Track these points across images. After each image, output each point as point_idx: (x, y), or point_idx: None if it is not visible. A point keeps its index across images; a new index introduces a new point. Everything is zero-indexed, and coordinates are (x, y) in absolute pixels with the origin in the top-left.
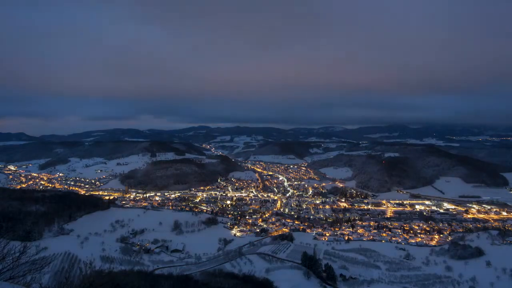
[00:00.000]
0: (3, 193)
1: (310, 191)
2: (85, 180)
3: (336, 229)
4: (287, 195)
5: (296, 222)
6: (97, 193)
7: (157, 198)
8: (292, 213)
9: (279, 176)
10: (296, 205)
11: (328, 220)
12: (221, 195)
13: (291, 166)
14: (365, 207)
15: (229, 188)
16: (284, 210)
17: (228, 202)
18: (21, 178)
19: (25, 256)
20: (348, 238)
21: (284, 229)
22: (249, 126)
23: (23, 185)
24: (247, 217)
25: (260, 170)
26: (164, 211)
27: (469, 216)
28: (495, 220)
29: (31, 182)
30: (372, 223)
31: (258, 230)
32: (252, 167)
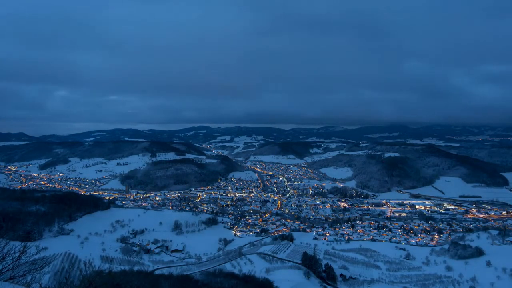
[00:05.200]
0: (3, 193)
1: (310, 191)
2: (85, 180)
3: (336, 229)
4: (287, 195)
5: (296, 222)
6: (97, 193)
7: (157, 198)
8: (292, 213)
9: (279, 176)
10: (296, 205)
11: (328, 220)
12: (221, 195)
13: (291, 166)
14: (365, 207)
15: (229, 188)
16: (284, 210)
17: (228, 202)
18: (21, 178)
19: (25, 256)
20: (348, 238)
21: (284, 229)
22: (249, 126)
23: (23, 185)
24: (247, 217)
25: (260, 170)
26: (164, 211)
27: (469, 216)
28: (495, 220)
29: (31, 182)
30: (372, 223)
31: (258, 230)
32: (252, 167)
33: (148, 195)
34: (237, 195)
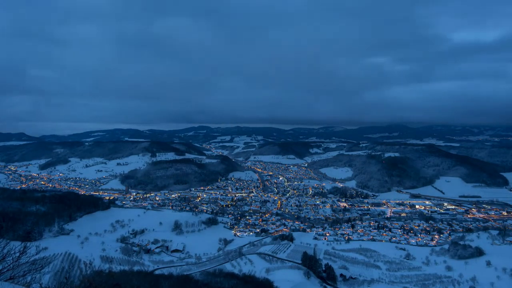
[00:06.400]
0: (3, 193)
1: (310, 191)
2: (85, 180)
3: (336, 229)
4: (287, 195)
5: (296, 222)
6: (97, 193)
7: (157, 198)
8: (292, 213)
9: (279, 176)
10: (296, 205)
11: (328, 220)
12: (221, 195)
13: (291, 166)
14: (365, 207)
15: (229, 188)
16: (284, 210)
17: (228, 202)
18: (21, 178)
19: (25, 256)
20: (348, 238)
21: (284, 229)
22: (249, 126)
23: (23, 185)
24: (247, 217)
25: (260, 170)
26: (164, 211)
27: (469, 216)
28: (495, 220)
29: (31, 182)
30: (372, 223)
31: (258, 230)
32: (252, 167)
33: (148, 195)
34: (237, 195)
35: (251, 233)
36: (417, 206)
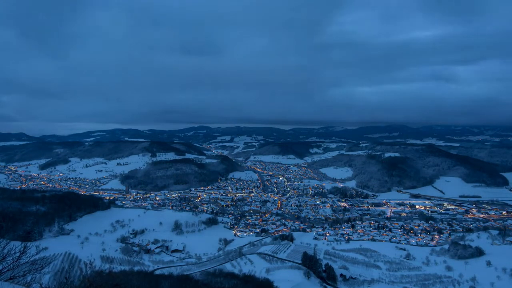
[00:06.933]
0: (3, 193)
1: (310, 191)
2: (85, 180)
3: (336, 229)
4: (287, 195)
5: (296, 222)
6: (97, 193)
7: (157, 198)
8: (293, 213)
9: (279, 176)
10: (296, 205)
11: (328, 220)
12: (221, 195)
13: (291, 166)
14: (365, 207)
15: (229, 188)
16: (284, 210)
17: (228, 202)
18: (21, 178)
19: (25, 256)
20: (349, 238)
21: (284, 229)
22: (249, 126)
23: (23, 185)
24: (248, 217)
25: (260, 170)
26: (164, 211)
27: (469, 216)
28: (495, 220)
29: (31, 182)
30: (372, 223)
31: (258, 230)
32: (252, 167)
33: (148, 195)
34: (237, 195)
35: (251, 233)
36: (417, 206)
